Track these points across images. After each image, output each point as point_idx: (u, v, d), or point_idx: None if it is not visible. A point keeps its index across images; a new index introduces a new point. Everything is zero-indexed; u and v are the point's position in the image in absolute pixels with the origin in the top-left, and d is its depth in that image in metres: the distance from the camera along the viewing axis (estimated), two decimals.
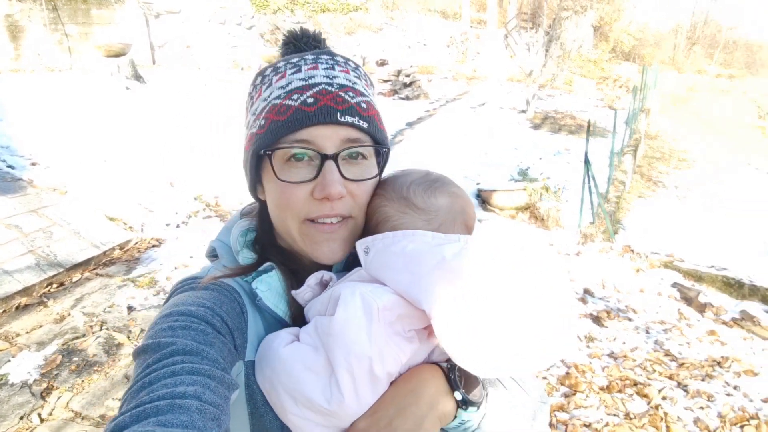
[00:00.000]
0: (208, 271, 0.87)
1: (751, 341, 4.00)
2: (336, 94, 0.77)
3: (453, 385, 0.72)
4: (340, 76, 0.80)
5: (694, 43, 32.68)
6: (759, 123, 16.96)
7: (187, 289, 0.82)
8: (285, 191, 0.78)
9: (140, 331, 3.88)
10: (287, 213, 0.80)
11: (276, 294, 0.82)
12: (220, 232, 0.94)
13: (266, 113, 0.79)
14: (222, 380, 0.65)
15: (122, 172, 6.41)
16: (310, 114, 0.76)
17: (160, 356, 0.65)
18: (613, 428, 3.04)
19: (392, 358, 0.69)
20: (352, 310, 0.69)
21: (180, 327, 0.70)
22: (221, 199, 6.71)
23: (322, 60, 0.82)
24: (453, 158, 8.68)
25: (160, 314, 0.75)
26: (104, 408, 3.10)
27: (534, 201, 6.53)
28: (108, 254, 4.96)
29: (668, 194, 9.44)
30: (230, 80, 12.61)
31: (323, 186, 0.76)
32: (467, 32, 21.01)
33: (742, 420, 3.08)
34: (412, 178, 0.85)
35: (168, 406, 0.57)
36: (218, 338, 0.72)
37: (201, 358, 0.66)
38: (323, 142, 0.77)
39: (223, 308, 0.77)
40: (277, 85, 0.80)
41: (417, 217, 0.80)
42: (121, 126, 7.66)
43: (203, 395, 0.60)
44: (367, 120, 0.80)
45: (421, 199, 0.81)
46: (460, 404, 0.72)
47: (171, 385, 0.60)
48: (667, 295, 4.70)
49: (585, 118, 13.03)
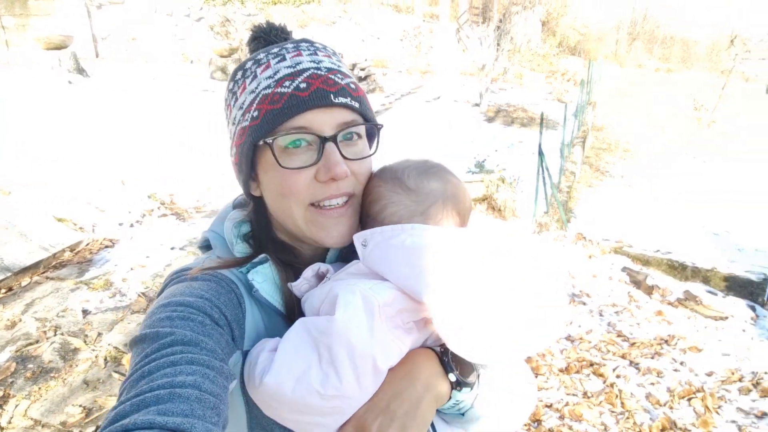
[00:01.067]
0: (202, 262, 0.87)
1: (695, 320, 4.27)
2: (326, 77, 0.78)
3: (446, 367, 0.74)
4: (325, 60, 0.81)
5: (635, 38, 34.15)
6: (695, 114, 17.94)
7: (182, 280, 0.81)
8: (288, 178, 0.78)
9: (97, 335, 3.74)
10: (291, 200, 0.80)
11: (272, 285, 0.83)
12: (213, 223, 0.94)
13: (258, 104, 0.79)
14: (220, 371, 0.66)
15: (69, 171, 6.11)
16: (305, 99, 0.76)
17: (158, 346, 0.65)
18: (573, 407, 3.19)
19: (395, 352, 0.71)
20: (353, 310, 0.69)
21: (179, 317, 0.70)
22: (176, 196, 6.52)
23: (304, 47, 0.83)
24: (411, 152, 8.74)
25: (157, 304, 0.75)
26: (64, 415, 2.99)
27: (491, 192, 6.70)
28: (58, 257, 4.74)
29: (615, 183, 9.89)
30: (180, 73, 12.20)
31: (328, 168, 0.77)
32: (420, 26, 21.13)
33: (689, 393, 3.30)
34: (410, 163, 0.88)
35: (168, 395, 0.58)
36: (216, 329, 0.72)
37: (200, 349, 0.66)
38: (320, 126, 0.77)
39: (220, 299, 0.77)
40: (263, 75, 0.80)
41: (406, 197, 0.82)
42: (65, 122, 7.30)
43: (202, 385, 0.61)
44: (358, 100, 0.82)
45: (413, 181, 0.83)
46: (454, 385, 0.74)
47: (171, 374, 0.61)
48: (617, 279, 4.94)
49: (536, 111, 13.41)
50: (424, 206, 0.81)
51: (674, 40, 36.92)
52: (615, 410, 3.18)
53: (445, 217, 0.82)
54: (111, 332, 3.75)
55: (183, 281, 0.81)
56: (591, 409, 3.16)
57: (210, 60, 12.73)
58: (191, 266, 0.85)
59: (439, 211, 0.81)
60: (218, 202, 6.54)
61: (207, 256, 0.89)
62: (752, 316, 4.23)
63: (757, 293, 4.52)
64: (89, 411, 3.03)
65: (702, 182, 10.03)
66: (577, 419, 3.07)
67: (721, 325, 4.15)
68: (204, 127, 8.61)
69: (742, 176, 10.77)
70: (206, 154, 7.70)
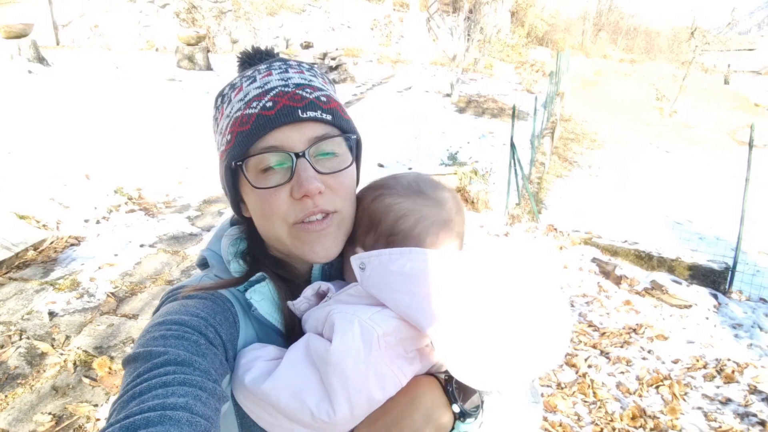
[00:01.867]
0: (199, 279, 0.87)
1: (661, 308, 4.43)
2: (293, 93, 0.78)
3: (450, 397, 0.73)
4: (295, 77, 0.80)
5: (600, 29, 34.80)
6: (657, 104, 18.48)
7: (179, 298, 0.81)
8: (265, 199, 0.78)
9: (65, 338, 3.62)
10: (273, 220, 0.80)
11: (270, 303, 0.82)
12: (211, 241, 0.93)
13: (230, 128, 0.79)
14: (213, 392, 0.65)
15: (30, 165, 5.86)
16: (271, 117, 0.76)
17: (151, 365, 0.65)
18: (548, 399, 3.27)
19: (393, 383, 0.70)
20: (350, 340, 0.68)
21: (173, 336, 0.69)
22: (144, 191, 6.34)
23: (275, 66, 0.82)
24: (384, 143, 8.73)
25: (152, 322, 0.75)
26: (33, 423, 2.89)
27: (464, 185, 6.75)
28: (21, 256, 4.55)
29: (583, 174, 10.11)
30: (145, 62, 11.81)
31: (300, 184, 0.76)
32: (390, 15, 21.01)
33: (657, 381, 3.43)
34: (413, 176, 0.88)
35: (159, 417, 0.57)
36: (211, 349, 0.71)
37: (193, 369, 0.66)
38: (290, 142, 0.77)
39: (216, 318, 0.77)
40: (236, 99, 0.81)
41: (433, 207, 0.82)
42: (25, 114, 6.98)
43: (194, 407, 0.60)
44: (329, 112, 0.80)
45: (431, 190, 0.84)
46: (458, 416, 0.73)
47: (162, 396, 0.60)
48: (587, 270, 5.07)
49: (506, 102, 13.57)
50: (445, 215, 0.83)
51: (638, 31, 37.81)
52: (587, 400, 3.28)
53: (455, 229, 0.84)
54: (80, 335, 3.63)
55: (178, 299, 0.81)
56: (565, 400, 3.25)
57: (176, 48, 12.35)
58: (187, 284, 0.85)
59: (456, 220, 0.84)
60: (189, 196, 6.39)
61: (204, 274, 0.89)
62: (715, 304, 4.42)
63: (719, 282, 4.71)
64: (59, 419, 2.93)
65: (664, 171, 10.37)
66: (551, 410, 3.16)
67: (686, 314, 4.31)
68: (171, 118, 8.37)
69: (701, 165, 11.18)
70: (175, 146, 7.50)
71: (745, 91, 22.20)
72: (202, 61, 12.36)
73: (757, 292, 4.64)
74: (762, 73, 25.58)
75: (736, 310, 4.32)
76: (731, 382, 3.36)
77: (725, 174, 9.53)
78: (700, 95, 20.13)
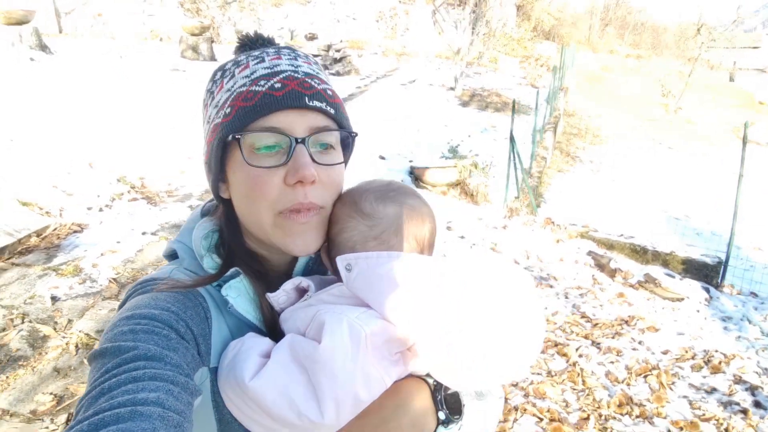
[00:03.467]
0: (169, 272, 0.83)
1: (653, 301, 4.49)
2: (303, 80, 0.78)
3: (438, 404, 0.74)
4: (304, 66, 0.81)
5: (607, 24, 34.60)
6: (662, 101, 18.41)
7: (147, 291, 0.78)
8: (256, 179, 0.76)
9: (67, 322, 3.70)
10: (260, 204, 0.78)
11: (246, 299, 0.81)
12: (181, 233, 0.91)
13: (231, 101, 0.78)
14: (185, 386, 0.64)
15: (33, 153, 5.93)
16: (278, 98, 0.75)
17: (120, 361, 0.63)
18: (537, 386, 3.34)
19: (378, 384, 0.71)
20: (339, 339, 0.69)
21: (142, 331, 0.67)
22: (147, 180, 6.41)
23: (285, 52, 0.82)
24: (386, 136, 8.78)
25: (119, 316, 0.72)
26: (34, 403, 2.96)
27: (464, 177, 6.80)
28: (24, 242, 4.63)
29: (584, 168, 10.14)
30: (149, 51, 11.86)
31: (296, 169, 0.75)
32: (396, 7, 20.95)
33: (645, 371, 3.49)
34: (371, 186, 0.86)
35: (129, 413, 0.55)
36: (182, 344, 0.70)
37: (164, 364, 0.64)
38: (292, 127, 0.76)
39: (187, 313, 0.75)
40: (240, 75, 0.80)
41: (361, 222, 0.81)
42: (28, 101, 7.04)
43: (166, 402, 0.59)
44: (333, 106, 0.80)
45: (369, 205, 0.82)
46: (441, 422, 0.74)
47: (132, 391, 0.58)
48: (583, 263, 5.13)
49: (510, 96, 13.55)
50: (377, 231, 0.80)
51: (645, 26, 37.54)
52: (576, 387, 3.35)
53: (398, 243, 0.80)
54: (82, 319, 3.71)
55: (148, 292, 0.77)
56: (554, 387, 3.32)
57: (180, 38, 12.38)
58: (156, 277, 0.82)
59: (392, 236, 0.80)
60: (192, 186, 6.46)
61: (175, 267, 0.85)
62: (706, 297, 4.47)
63: (711, 276, 4.77)
64: (60, 398, 3.00)
65: (666, 167, 10.37)
66: (540, 397, 3.23)
67: (678, 306, 4.37)
68: (174, 108, 8.43)
69: (703, 162, 11.17)
70: (178, 135, 7.57)
71: (749, 88, 22.09)
72: (206, 51, 12.39)
73: (748, 286, 4.70)
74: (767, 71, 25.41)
75: (727, 303, 4.38)
76: (718, 372, 3.43)
77: (726, 171, 9.53)
78: (705, 92, 20.04)
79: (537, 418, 3.02)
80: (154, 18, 13.84)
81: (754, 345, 3.74)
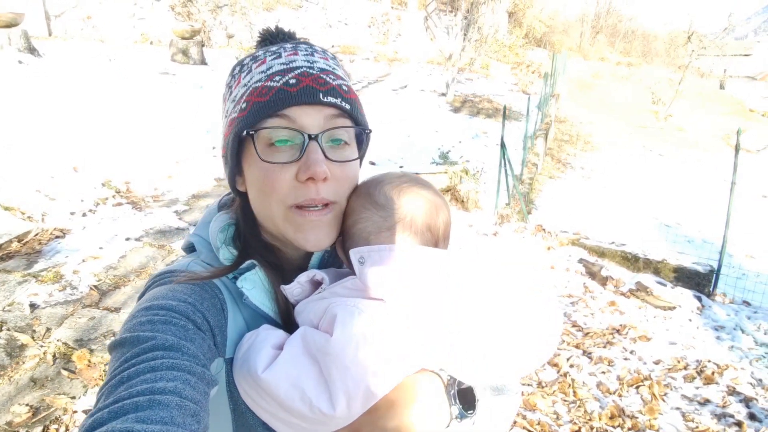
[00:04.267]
0: (187, 265, 0.85)
1: (645, 310, 4.44)
2: (317, 76, 0.78)
3: (451, 398, 0.74)
4: (320, 62, 0.81)
5: (598, 31, 34.86)
6: (653, 108, 18.53)
7: (165, 283, 0.80)
8: (269, 174, 0.77)
9: (45, 330, 3.60)
10: (272, 198, 0.79)
11: (262, 291, 0.82)
12: (198, 226, 0.92)
13: (247, 96, 0.79)
14: (202, 376, 0.65)
15: (17, 156, 5.82)
16: (292, 94, 0.76)
17: (138, 350, 0.64)
18: (528, 397, 3.28)
19: (389, 378, 0.70)
20: (350, 331, 0.69)
21: (160, 321, 0.69)
22: (132, 184, 6.30)
23: (302, 48, 0.83)
24: (377, 142, 8.71)
25: (138, 307, 0.74)
26: (10, 414, 2.88)
27: (455, 184, 6.75)
28: (4, 247, 4.52)
29: (575, 175, 10.14)
30: (139, 55, 11.74)
31: (308, 166, 0.76)
32: (388, 13, 20.98)
33: (637, 381, 3.44)
34: (385, 177, 0.86)
35: (147, 402, 0.57)
36: (198, 334, 0.71)
37: (181, 354, 0.66)
38: (306, 123, 0.77)
39: (204, 304, 0.76)
40: (257, 70, 0.80)
41: (375, 213, 0.81)
42: (15, 105, 6.92)
43: (183, 391, 0.60)
44: (349, 102, 0.81)
45: (383, 196, 0.82)
46: (455, 416, 0.74)
47: (151, 380, 0.60)
48: (574, 271, 5.08)
49: (501, 102, 13.56)
50: (391, 222, 0.80)
51: (635, 34, 37.93)
52: (567, 399, 3.29)
53: (412, 234, 0.80)
54: (60, 327, 3.61)
55: (166, 284, 0.80)
56: (545, 399, 3.26)
57: (171, 41, 12.28)
58: (175, 269, 0.84)
59: (407, 227, 0.80)
60: (178, 191, 6.36)
61: (192, 260, 0.87)
62: (698, 306, 4.43)
63: (703, 284, 4.73)
64: (36, 410, 2.92)
65: (657, 174, 10.40)
66: (531, 409, 3.16)
67: (670, 315, 4.33)
68: (164, 112, 8.33)
69: (693, 169, 11.22)
70: (166, 139, 7.47)
71: (740, 96, 22.30)
72: (196, 55, 12.30)
73: (741, 295, 4.67)
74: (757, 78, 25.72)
75: (719, 312, 4.34)
76: (711, 383, 3.38)
77: (716, 178, 9.58)
78: (695, 99, 20.20)
79: (527, 431, 2.95)
80: (144, 21, 13.73)
81: (747, 355, 3.70)
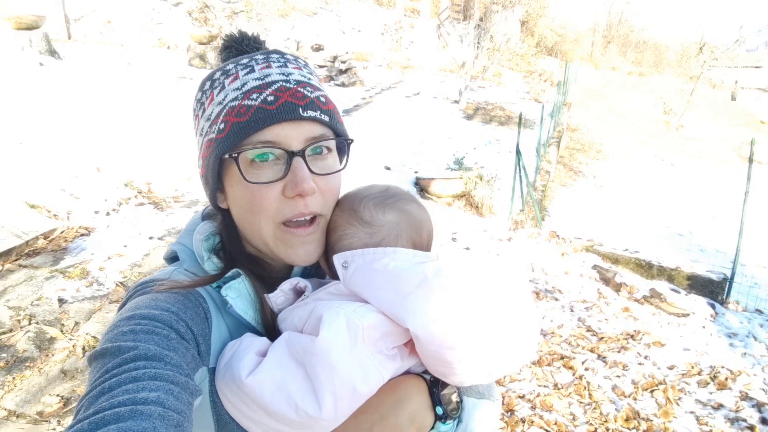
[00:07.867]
0: (169, 274, 0.84)
1: (659, 316, 4.49)
2: (295, 90, 0.76)
3: (435, 400, 0.75)
4: (295, 73, 0.79)
5: (610, 41, 34.89)
6: (664, 118, 18.50)
7: (148, 292, 0.78)
8: (255, 194, 0.76)
9: (74, 324, 3.70)
10: (260, 216, 0.78)
11: (246, 301, 0.81)
12: (181, 235, 0.91)
13: (224, 116, 0.76)
14: (185, 386, 0.64)
15: (42, 156, 5.97)
16: (272, 112, 0.74)
17: (120, 360, 0.63)
18: (544, 398, 3.33)
19: (376, 377, 0.71)
20: (336, 331, 0.69)
21: (143, 331, 0.67)
22: (154, 185, 6.44)
23: (273, 59, 0.80)
24: (391, 147, 8.83)
25: (120, 317, 0.72)
26: (41, 405, 2.97)
27: (469, 189, 6.83)
28: (31, 244, 4.64)
29: (587, 183, 10.17)
30: (157, 59, 11.96)
31: (295, 183, 0.75)
32: (401, 21, 21.16)
33: (652, 385, 3.48)
34: (369, 192, 0.87)
35: (129, 412, 0.55)
36: (182, 344, 0.70)
37: (164, 364, 0.64)
38: (288, 140, 0.76)
39: (187, 313, 0.75)
40: (231, 87, 0.78)
41: (361, 229, 0.82)
42: (36, 106, 7.09)
43: (166, 401, 0.59)
44: (327, 113, 0.80)
45: (368, 213, 0.83)
46: (440, 418, 0.75)
47: (132, 390, 0.58)
48: (588, 277, 5.14)
49: (514, 110, 13.64)
50: (377, 238, 0.81)
51: (647, 44, 37.88)
52: (583, 401, 3.34)
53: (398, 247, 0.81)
54: (89, 321, 3.71)
55: (148, 293, 0.78)
56: (561, 400, 3.31)
57: (188, 46, 12.50)
58: (157, 278, 0.82)
59: (392, 243, 0.81)
60: (198, 192, 6.49)
61: (175, 269, 0.86)
62: (712, 313, 4.47)
63: (717, 292, 4.77)
64: (67, 400, 3.01)
65: (668, 184, 10.41)
66: (547, 409, 3.22)
67: (683, 322, 4.37)
68: (181, 115, 8.49)
69: (705, 179, 11.21)
70: (184, 142, 7.61)
71: (751, 107, 22.21)
72: (213, 60, 12.50)
73: (753, 303, 4.70)
74: None
75: (733, 320, 4.38)
76: (724, 388, 3.42)
77: (728, 188, 9.57)
78: (706, 110, 20.14)
79: (544, 430, 3.01)
80: (162, 26, 13.98)
81: (759, 362, 3.74)
